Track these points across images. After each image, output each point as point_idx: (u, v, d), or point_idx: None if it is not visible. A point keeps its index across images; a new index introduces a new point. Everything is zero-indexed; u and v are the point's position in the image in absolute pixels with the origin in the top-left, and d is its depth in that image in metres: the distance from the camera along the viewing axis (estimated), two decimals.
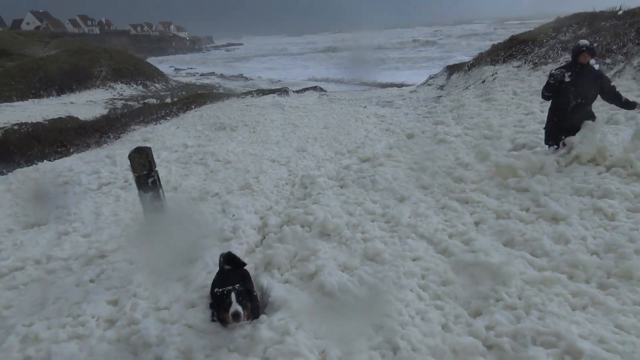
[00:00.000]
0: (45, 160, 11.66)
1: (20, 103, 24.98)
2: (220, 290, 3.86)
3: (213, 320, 4.01)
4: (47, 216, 7.60)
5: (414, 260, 4.82)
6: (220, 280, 4.17)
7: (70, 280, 5.13)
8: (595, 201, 5.45)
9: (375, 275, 4.62)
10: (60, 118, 18.98)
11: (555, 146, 6.87)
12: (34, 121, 17.48)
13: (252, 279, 4.58)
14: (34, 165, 11.17)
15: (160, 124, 16.31)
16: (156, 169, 5.03)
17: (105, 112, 22.51)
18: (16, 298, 4.92)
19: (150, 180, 4.95)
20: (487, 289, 4.12)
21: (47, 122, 17.61)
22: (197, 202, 7.65)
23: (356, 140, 11.29)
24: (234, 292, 3.75)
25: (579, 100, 6.43)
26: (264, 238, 6.00)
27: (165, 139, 13.10)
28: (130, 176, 8.95)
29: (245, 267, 4.59)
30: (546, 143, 7.13)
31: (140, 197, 5.06)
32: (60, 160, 11.80)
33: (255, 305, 3.96)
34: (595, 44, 6.67)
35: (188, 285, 4.69)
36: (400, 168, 7.95)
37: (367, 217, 6.11)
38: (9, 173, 10.58)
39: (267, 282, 4.69)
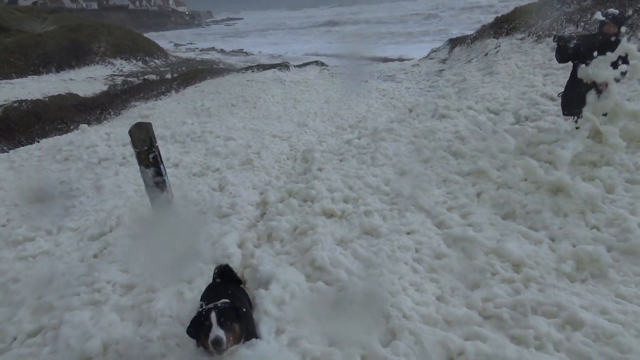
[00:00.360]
0: (47, 138, 11.67)
1: (19, 80, 24.82)
2: (199, 310, 3.11)
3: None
4: (52, 191, 7.65)
5: (408, 234, 4.84)
6: (208, 295, 3.48)
7: (76, 256, 5.21)
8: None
9: (369, 248, 4.65)
10: (60, 95, 18.88)
11: (572, 118, 6.44)
12: (34, 98, 17.41)
13: (250, 295, 3.91)
14: (36, 142, 11.20)
15: (160, 99, 16.27)
16: (156, 144, 5.01)
17: (105, 88, 22.36)
18: (24, 271, 5.02)
19: (151, 156, 4.93)
20: (483, 263, 4.14)
21: (47, 99, 17.54)
22: (198, 178, 7.67)
23: (357, 114, 11.26)
24: (214, 311, 2.93)
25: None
26: (265, 213, 6.03)
27: (165, 115, 13.06)
28: (128, 152, 9.00)
29: (241, 285, 3.96)
30: (564, 113, 6.76)
31: (141, 173, 5.05)
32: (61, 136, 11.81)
33: (245, 324, 3.12)
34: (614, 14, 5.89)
35: (199, 256, 4.79)
36: (402, 143, 7.91)
37: (367, 191, 6.12)
38: (11, 151, 10.61)
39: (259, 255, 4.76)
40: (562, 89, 6.65)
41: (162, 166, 5.06)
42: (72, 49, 30.82)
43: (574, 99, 6.23)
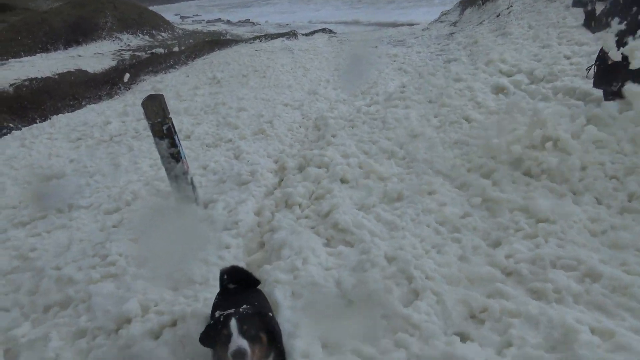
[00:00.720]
0: (59, 114, 11.79)
1: (28, 58, 24.78)
2: (216, 317, 2.50)
3: None
4: (63, 169, 7.76)
5: (430, 194, 4.84)
6: (223, 304, 2.83)
7: (94, 227, 5.31)
8: None
9: (392, 212, 4.68)
10: (69, 72, 18.85)
11: (610, 95, 5.42)
12: (44, 76, 17.41)
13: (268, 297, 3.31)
14: (49, 120, 11.31)
15: (169, 73, 16.23)
16: (170, 116, 5.03)
17: (113, 63, 22.27)
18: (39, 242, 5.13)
19: (164, 127, 4.95)
20: (506, 220, 4.15)
21: (57, 77, 17.54)
22: (212, 149, 7.70)
23: (368, 80, 11.13)
24: (234, 318, 2.37)
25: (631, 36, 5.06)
26: (282, 180, 6.07)
27: (176, 87, 13.04)
28: (141, 126, 9.06)
29: (258, 287, 3.27)
30: (596, 86, 5.78)
31: (156, 145, 5.09)
32: (73, 113, 11.94)
33: (273, 337, 2.52)
34: None
35: (212, 224, 4.89)
36: (414, 108, 7.84)
37: (382, 156, 6.11)
38: (24, 128, 10.73)
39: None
40: (578, 47, 6.39)
41: (176, 137, 5.09)
42: (79, 25, 30.61)
43: (606, 70, 5.51)
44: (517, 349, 2.85)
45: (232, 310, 2.44)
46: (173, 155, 5.07)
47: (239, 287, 3.05)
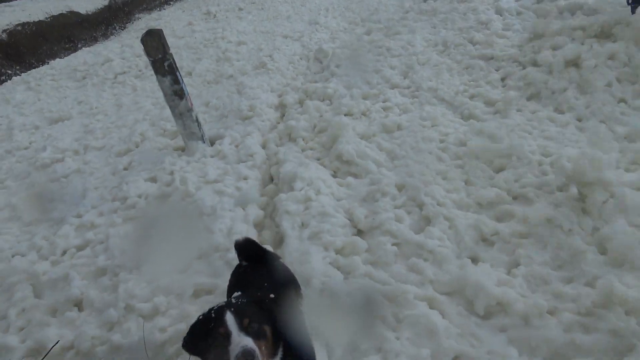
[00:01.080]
0: (57, 58, 11.62)
1: (17, 2, 24.04)
2: (205, 313, 1.84)
3: None
4: (70, 111, 7.75)
5: (433, 126, 4.80)
6: (236, 285, 2.43)
7: (107, 170, 5.37)
8: None
9: (392, 141, 4.68)
10: (61, 14, 18.36)
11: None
12: (36, 20, 16.99)
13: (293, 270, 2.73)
14: (47, 63, 11.17)
15: (164, 9, 15.83)
16: (170, 51, 4.94)
17: (106, 3, 21.64)
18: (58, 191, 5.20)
19: (166, 64, 4.88)
20: (507, 147, 4.04)
21: (49, 19, 17.10)
22: (214, 85, 7.62)
23: (369, 7, 10.79)
24: (229, 310, 1.75)
25: None
26: (284, 115, 6.04)
27: (172, 24, 12.74)
28: (143, 64, 8.93)
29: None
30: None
31: (159, 82, 5.03)
32: (72, 55, 11.75)
33: (283, 326, 1.90)
34: None
35: (224, 159, 4.93)
36: (418, 33, 7.62)
37: (385, 85, 6.03)
38: (24, 74, 10.61)
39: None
40: None
41: (178, 74, 5.02)
42: None
43: None
44: (525, 267, 2.91)
45: (223, 303, 1.89)
46: (176, 93, 5.03)
47: (252, 265, 2.53)
